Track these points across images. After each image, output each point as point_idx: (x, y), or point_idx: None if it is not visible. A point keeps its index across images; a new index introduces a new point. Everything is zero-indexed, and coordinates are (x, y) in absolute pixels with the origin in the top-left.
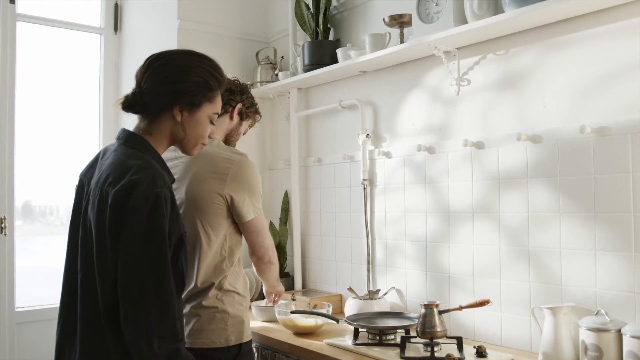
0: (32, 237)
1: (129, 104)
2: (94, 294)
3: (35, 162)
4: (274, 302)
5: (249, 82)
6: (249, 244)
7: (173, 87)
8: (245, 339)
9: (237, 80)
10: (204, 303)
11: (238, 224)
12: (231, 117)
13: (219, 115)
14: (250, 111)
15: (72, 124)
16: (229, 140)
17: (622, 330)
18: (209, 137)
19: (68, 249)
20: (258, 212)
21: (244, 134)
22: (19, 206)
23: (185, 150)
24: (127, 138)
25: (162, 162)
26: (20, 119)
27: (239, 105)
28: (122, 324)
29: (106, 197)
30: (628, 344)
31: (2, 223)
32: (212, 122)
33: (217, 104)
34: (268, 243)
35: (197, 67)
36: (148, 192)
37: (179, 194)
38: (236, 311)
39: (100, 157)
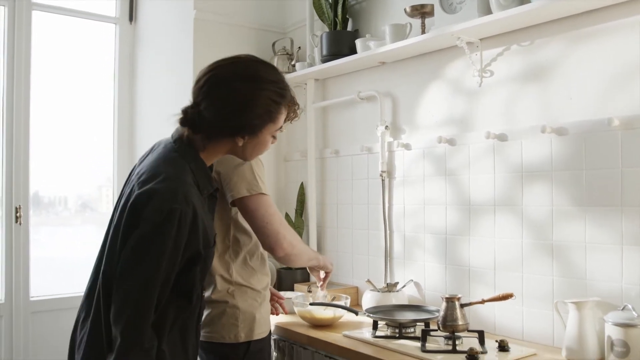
0: (40, 228)
1: (188, 123)
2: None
3: (45, 153)
4: (322, 282)
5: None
6: (254, 232)
7: (236, 121)
8: (257, 337)
9: None
10: (213, 297)
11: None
12: None
13: None
14: None
15: (85, 115)
16: None
17: None
18: None
19: (106, 231)
20: (254, 189)
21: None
22: (29, 197)
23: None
24: (177, 140)
25: (204, 173)
26: (34, 108)
27: None
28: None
29: (132, 194)
30: None
31: (17, 212)
32: (274, 137)
33: (280, 122)
34: (274, 229)
35: (261, 97)
36: (164, 206)
37: None
38: (248, 307)
39: (154, 148)
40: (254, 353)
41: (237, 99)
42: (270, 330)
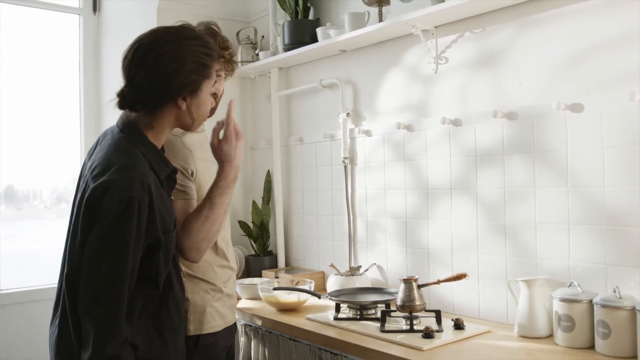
0: (15, 222)
1: (127, 103)
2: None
3: (17, 146)
4: None
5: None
6: None
7: (173, 81)
8: (207, 330)
9: None
10: None
11: None
12: None
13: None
14: None
15: (53, 106)
16: None
17: (594, 301)
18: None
19: (67, 230)
20: (179, 193)
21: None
22: (1, 191)
23: (190, 131)
24: (123, 127)
25: (156, 155)
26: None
27: None
28: (80, 313)
29: (86, 189)
30: (599, 313)
31: None
32: (213, 95)
33: (213, 76)
34: (184, 243)
35: (190, 52)
36: (122, 195)
37: None
38: (199, 299)
39: (100, 140)
40: (204, 347)
41: (168, 58)
42: (228, 326)
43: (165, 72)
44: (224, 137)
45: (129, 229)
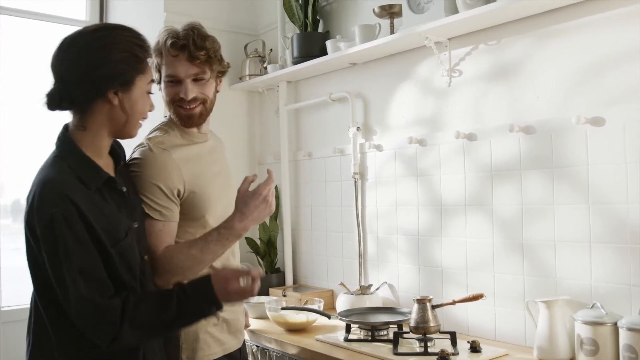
0: (21, 236)
1: (55, 102)
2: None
3: (23, 160)
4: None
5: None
6: None
7: (100, 71)
8: (201, 359)
9: None
10: None
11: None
12: None
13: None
14: None
15: (59, 120)
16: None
17: (619, 324)
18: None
19: None
20: (151, 212)
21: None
22: (7, 205)
23: (128, 134)
24: (56, 141)
25: (86, 165)
26: (4, 114)
27: None
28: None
29: None
30: (625, 337)
31: None
32: (149, 93)
33: (149, 74)
34: (157, 265)
35: (119, 41)
36: (44, 216)
37: None
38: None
39: None
40: None
41: (94, 47)
42: (228, 353)
43: (91, 60)
44: (254, 192)
45: (66, 242)
